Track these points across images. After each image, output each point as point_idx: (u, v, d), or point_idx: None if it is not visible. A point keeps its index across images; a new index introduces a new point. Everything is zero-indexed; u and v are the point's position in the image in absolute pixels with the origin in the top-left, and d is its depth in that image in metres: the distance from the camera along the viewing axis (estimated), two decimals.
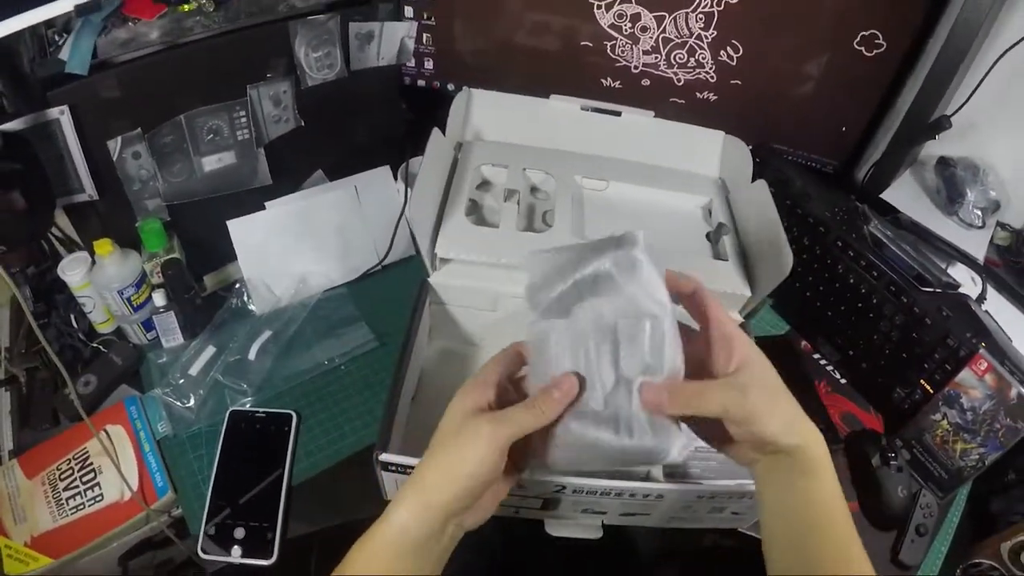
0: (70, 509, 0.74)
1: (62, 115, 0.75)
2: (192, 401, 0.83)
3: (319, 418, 0.84)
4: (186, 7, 0.80)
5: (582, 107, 0.91)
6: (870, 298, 0.86)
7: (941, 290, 0.81)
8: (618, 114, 0.91)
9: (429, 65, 1.09)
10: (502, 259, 0.75)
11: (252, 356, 0.88)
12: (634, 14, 0.96)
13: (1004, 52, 0.92)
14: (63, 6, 0.69)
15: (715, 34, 0.96)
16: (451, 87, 1.10)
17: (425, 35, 1.04)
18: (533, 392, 0.51)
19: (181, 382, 0.84)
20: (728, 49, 0.97)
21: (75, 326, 0.88)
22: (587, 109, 0.91)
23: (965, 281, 0.91)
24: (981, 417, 0.77)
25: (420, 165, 0.75)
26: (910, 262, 0.84)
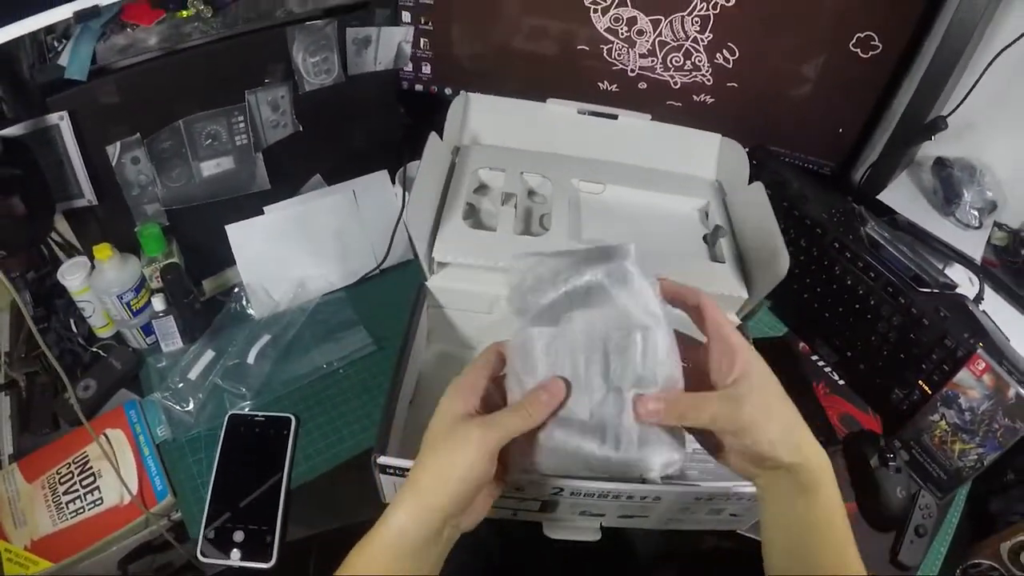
0: (70, 513, 0.74)
1: (61, 121, 0.76)
2: (191, 405, 0.83)
3: (318, 422, 0.84)
4: (184, 13, 0.81)
5: (579, 111, 0.91)
6: (867, 299, 0.86)
7: (938, 291, 0.81)
8: (615, 117, 0.91)
9: (426, 70, 1.09)
10: (499, 263, 0.75)
11: (251, 360, 0.88)
12: (630, 18, 0.97)
13: (999, 52, 0.92)
14: (62, 12, 0.70)
15: (711, 37, 0.96)
16: (448, 91, 1.11)
17: (422, 40, 1.05)
18: (515, 396, 0.52)
19: (180, 386, 0.84)
20: (724, 52, 0.98)
21: (75, 331, 0.88)
22: (584, 112, 0.91)
23: (962, 281, 0.91)
24: (979, 417, 0.77)
25: (418, 169, 0.75)
26: (907, 263, 0.84)
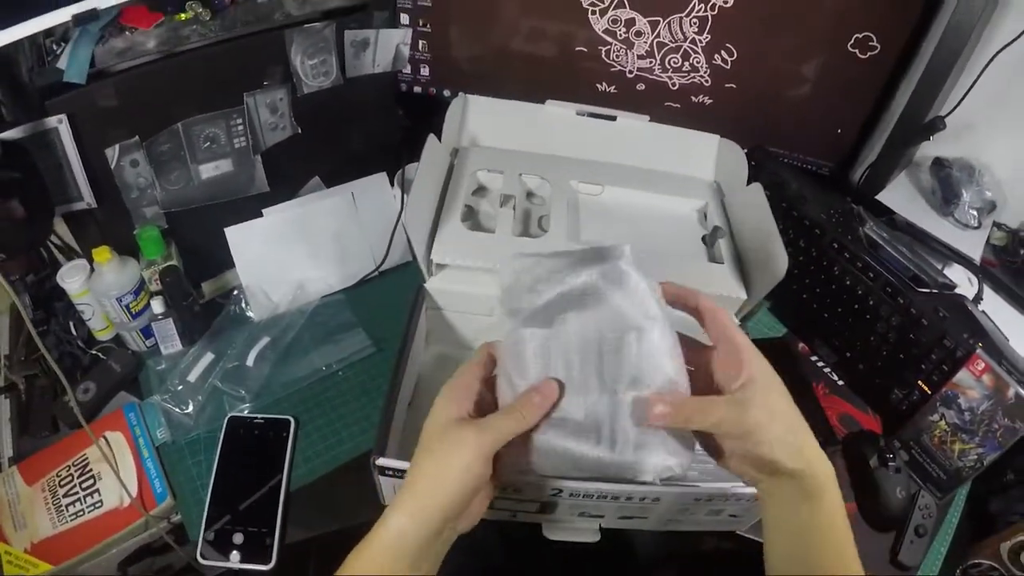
0: (70, 516, 0.74)
1: (60, 124, 0.76)
2: (191, 407, 0.83)
3: (317, 424, 0.84)
4: (183, 16, 0.81)
5: (577, 112, 0.91)
6: (866, 299, 0.86)
7: (937, 291, 0.81)
8: (613, 119, 0.91)
9: (425, 72, 1.09)
10: (498, 264, 0.75)
11: (250, 362, 0.88)
12: (628, 19, 0.97)
13: (997, 52, 0.92)
14: (61, 16, 0.70)
15: (709, 38, 0.96)
16: (447, 93, 1.11)
17: (421, 42, 1.05)
18: (506, 397, 0.52)
19: (180, 388, 0.84)
20: (722, 53, 0.98)
21: (74, 333, 0.88)
22: (582, 114, 0.91)
23: (961, 281, 0.91)
24: (979, 417, 0.77)
25: (416, 171, 0.75)
26: (906, 263, 0.84)
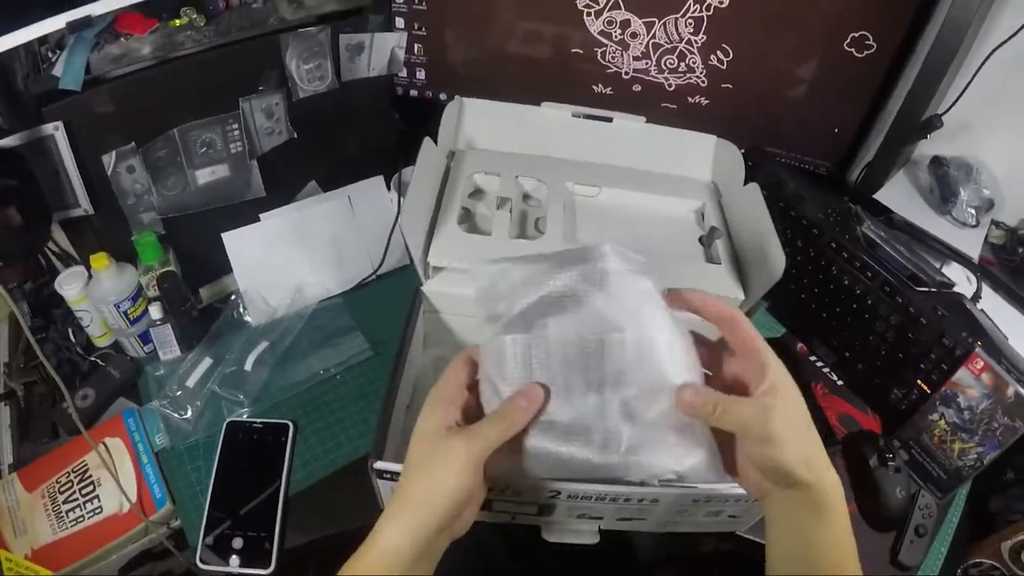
0: (70, 522, 0.74)
1: (56, 131, 0.76)
2: (189, 413, 0.83)
3: (315, 428, 0.84)
4: (177, 22, 0.81)
5: (573, 114, 0.91)
6: (865, 299, 0.86)
7: (936, 289, 0.81)
8: (609, 120, 0.91)
9: (421, 75, 1.09)
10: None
11: (248, 367, 0.88)
12: (623, 20, 0.96)
13: (994, 50, 0.92)
14: (55, 23, 0.70)
15: (705, 39, 0.96)
16: (443, 96, 1.11)
17: (416, 45, 1.05)
18: (491, 403, 0.51)
19: (178, 394, 0.85)
20: (718, 53, 0.97)
21: (73, 340, 0.89)
22: (578, 116, 0.91)
23: (960, 280, 0.91)
24: (979, 416, 0.77)
25: (412, 175, 0.75)
26: (904, 262, 0.84)
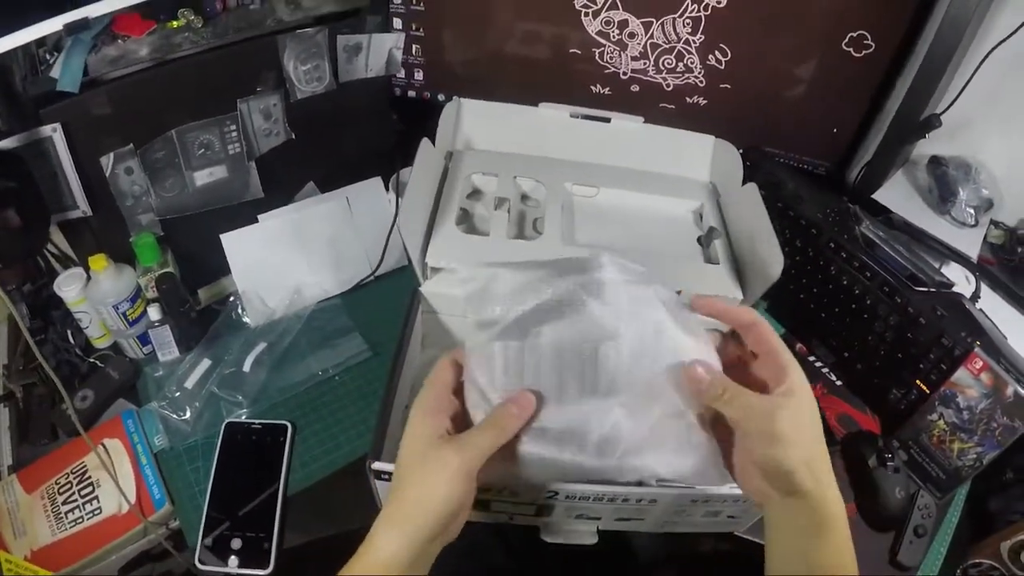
0: (69, 523, 0.74)
1: (54, 132, 0.76)
2: (188, 414, 0.83)
3: (314, 428, 0.84)
4: (175, 23, 0.81)
5: (571, 114, 0.91)
6: (864, 299, 0.86)
7: (935, 289, 0.81)
8: (607, 120, 0.90)
9: (419, 76, 1.09)
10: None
11: (247, 368, 0.88)
12: (621, 20, 0.96)
13: (992, 49, 0.91)
14: (53, 25, 0.70)
15: (703, 39, 0.96)
16: (441, 97, 1.11)
17: (414, 46, 1.05)
18: (478, 410, 0.51)
19: (177, 395, 0.85)
20: (716, 53, 0.97)
21: (72, 341, 0.89)
22: (577, 116, 0.91)
23: (959, 280, 0.90)
24: (978, 416, 0.77)
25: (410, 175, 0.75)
26: (903, 262, 0.83)
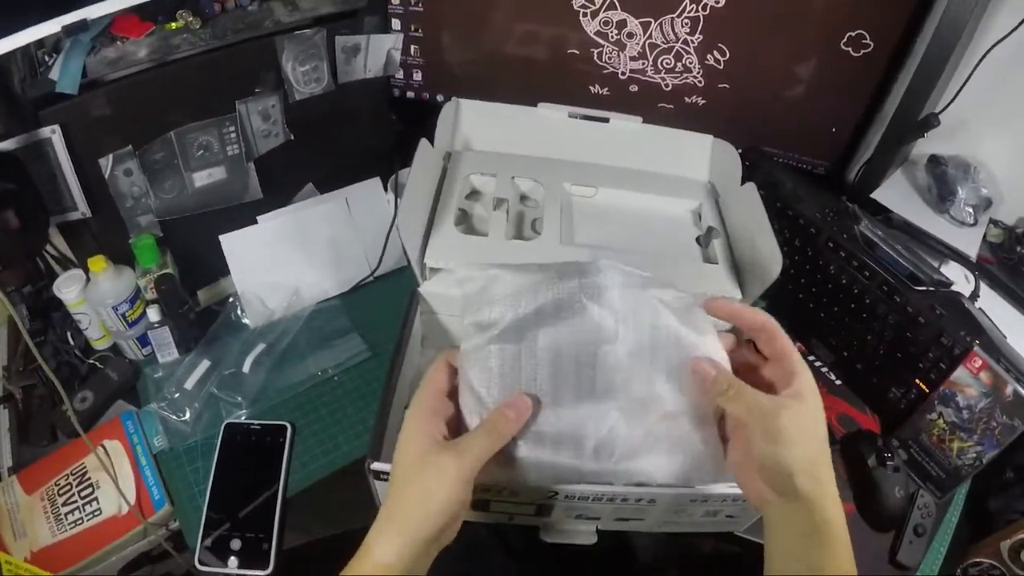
0: (69, 524, 0.75)
1: (53, 134, 0.76)
2: (188, 415, 0.83)
3: (313, 429, 0.84)
4: (173, 25, 0.81)
5: (570, 115, 0.90)
6: (863, 298, 0.86)
7: (934, 288, 0.81)
8: (606, 121, 0.91)
9: (418, 77, 1.09)
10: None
11: (246, 369, 0.88)
12: (619, 21, 0.96)
13: (991, 48, 0.92)
14: (52, 27, 0.70)
15: (701, 39, 0.96)
16: (440, 98, 1.11)
17: (413, 47, 1.05)
18: (473, 414, 0.51)
19: (177, 396, 0.85)
20: (715, 53, 0.97)
21: (71, 343, 0.89)
22: (575, 116, 0.91)
23: (958, 279, 0.91)
24: (977, 415, 0.77)
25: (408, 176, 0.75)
26: (902, 261, 0.83)
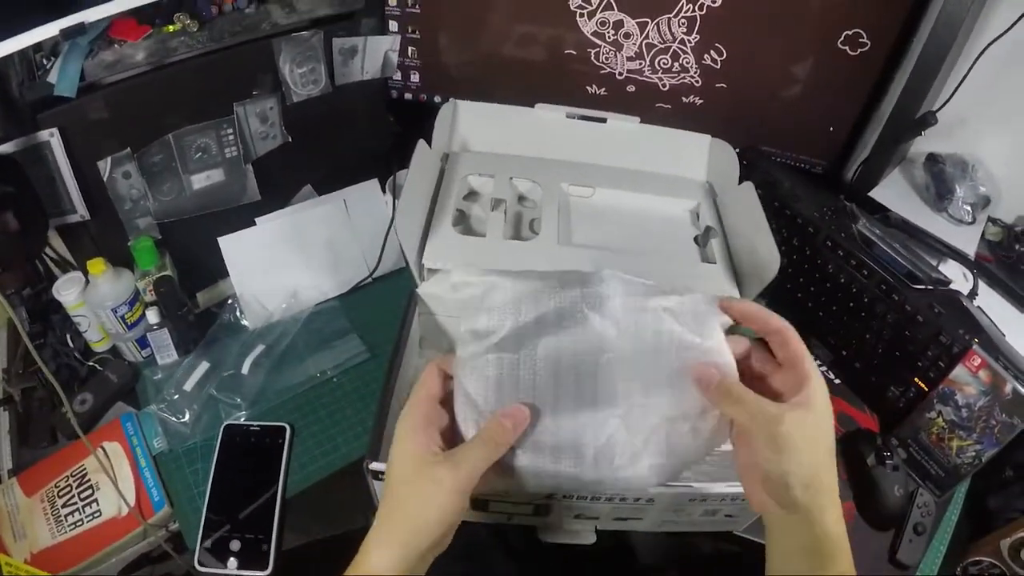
0: (69, 525, 0.75)
1: (52, 137, 0.76)
2: (187, 416, 0.83)
3: (312, 430, 0.84)
4: (171, 28, 0.81)
5: (568, 115, 0.91)
6: (861, 297, 0.86)
7: (932, 287, 0.81)
8: (604, 121, 0.91)
9: (415, 78, 1.09)
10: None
11: (245, 370, 0.88)
12: (616, 21, 0.97)
13: (988, 45, 0.91)
14: (49, 30, 0.71)
15: (698, 38, 0.96)
16: (438, 99, 1.11)
17: (410, 48, 1.05)
18: (468, 422, 0.51)
19: (176, 398, 0.85)
20: (712, 53, 0.97)
21: (71, 345, 0.89)
22: (573, 117, 0.91)
23: (956, 277, 0.91)
24: (976, 414, 0.76)
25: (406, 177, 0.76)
26: (900, 260, 0.83)
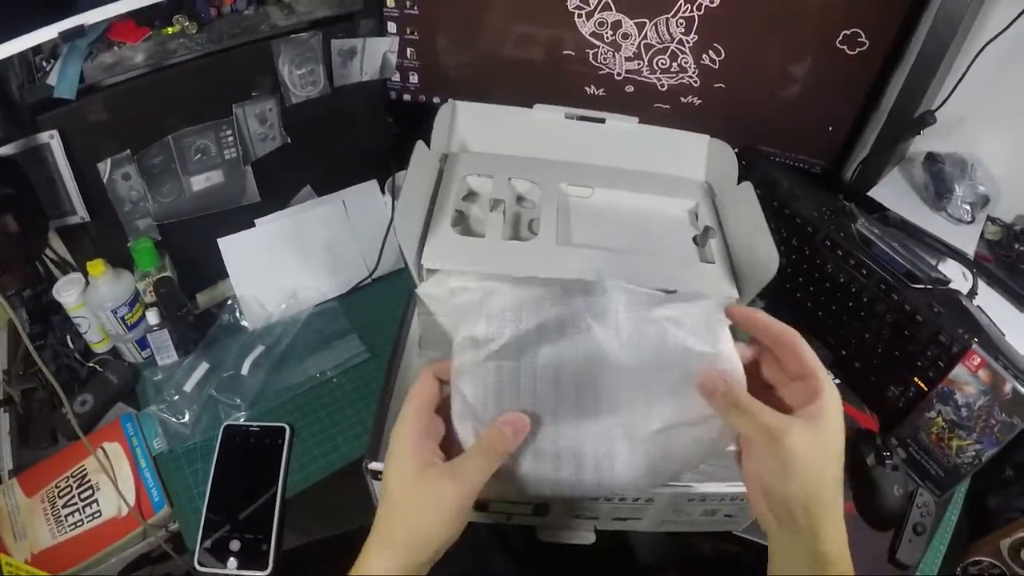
0: (69, 526, 0.75)
1: (52, 139, 0.77)
2: (187, 417, 0.84)
3: (312, 430, 0.85)
4: (170, 30, 0.81)
5: (566, 115, 0.91)
6: (860, 297, 0.86)
7: (932, 286, 0.81)
8: (602, 121, 0.91)
9: (414, 79, 1.09)
10: (488, 269, 0.75)
11: (245, 371, 0.89)
12: (615, 21, 0.97)
13: (986, 44, 0.91)
14: (49, 33, 0.71)
15: (696, 38, 0.96)
16: (436, 100, 1.11)
17: (409, 50, 1.05)
18: (467, 430, 0.51)
19: (176, 398, 0.85)
20: (710, 53, 0.97)
21: (71, 346, 0.89)
22: (571, 117, 0.91)
23: (956, 277, 0.90)
24: (976, 413, 0.76)
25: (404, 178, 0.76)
26: (899, 259, 0.83)
